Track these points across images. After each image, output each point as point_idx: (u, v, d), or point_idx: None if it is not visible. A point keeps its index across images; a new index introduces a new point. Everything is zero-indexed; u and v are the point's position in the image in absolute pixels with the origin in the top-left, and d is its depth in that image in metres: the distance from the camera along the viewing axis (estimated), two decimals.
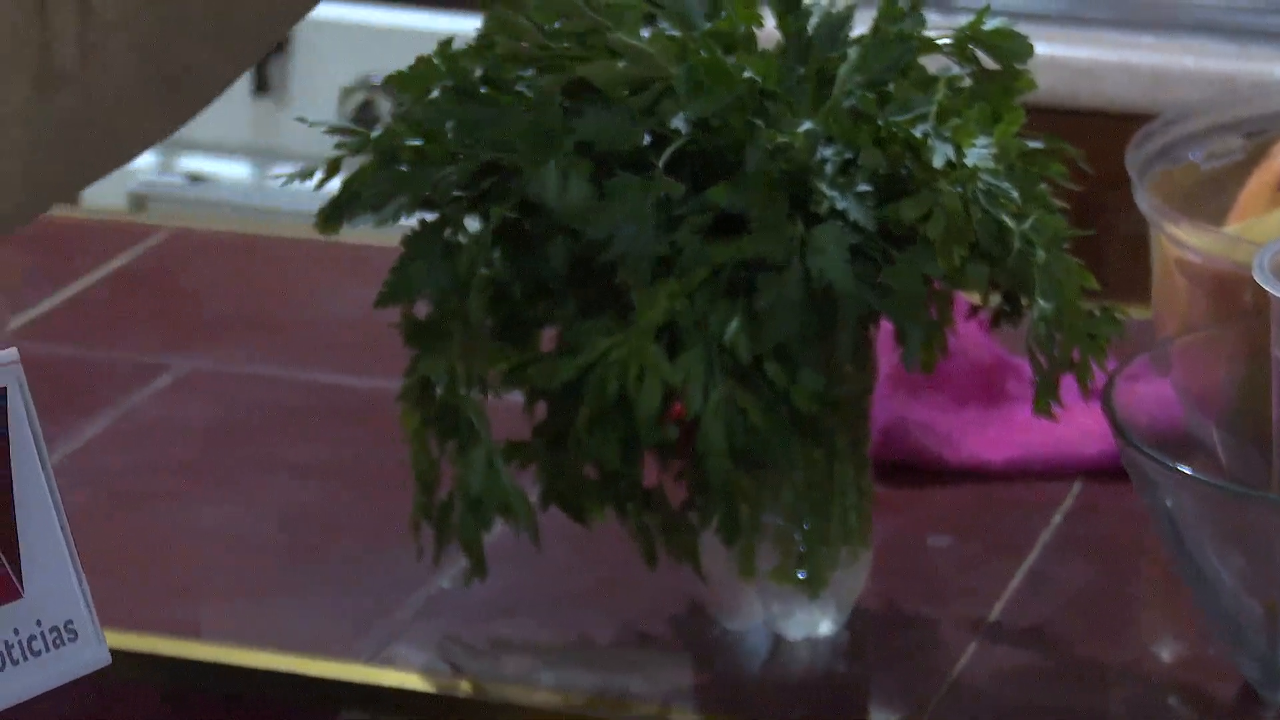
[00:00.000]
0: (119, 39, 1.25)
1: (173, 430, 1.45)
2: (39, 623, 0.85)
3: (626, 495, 1.12)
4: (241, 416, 1.48)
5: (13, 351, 0.83)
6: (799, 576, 1.15)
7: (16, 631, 0.84)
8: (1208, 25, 2.18)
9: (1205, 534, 1.12)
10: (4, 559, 0.84)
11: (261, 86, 2.25)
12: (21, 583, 0.84)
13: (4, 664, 0.82)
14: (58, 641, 0.85)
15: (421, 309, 1.10)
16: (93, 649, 0.85)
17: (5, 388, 0.84)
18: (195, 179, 2.27)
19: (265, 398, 1.50)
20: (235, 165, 2.31)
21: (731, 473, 1.08)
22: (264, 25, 1.31)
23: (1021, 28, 1.17)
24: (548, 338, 1.11)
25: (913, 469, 1.37)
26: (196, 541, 1.31)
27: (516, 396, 1.12)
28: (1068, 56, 2.05)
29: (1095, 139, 1.23)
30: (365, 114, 2.21)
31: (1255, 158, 1.36)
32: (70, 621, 0.85)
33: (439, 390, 1.10)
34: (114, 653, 1.14)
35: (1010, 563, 1.29)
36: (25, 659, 0.83)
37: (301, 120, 1.31)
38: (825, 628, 1.19)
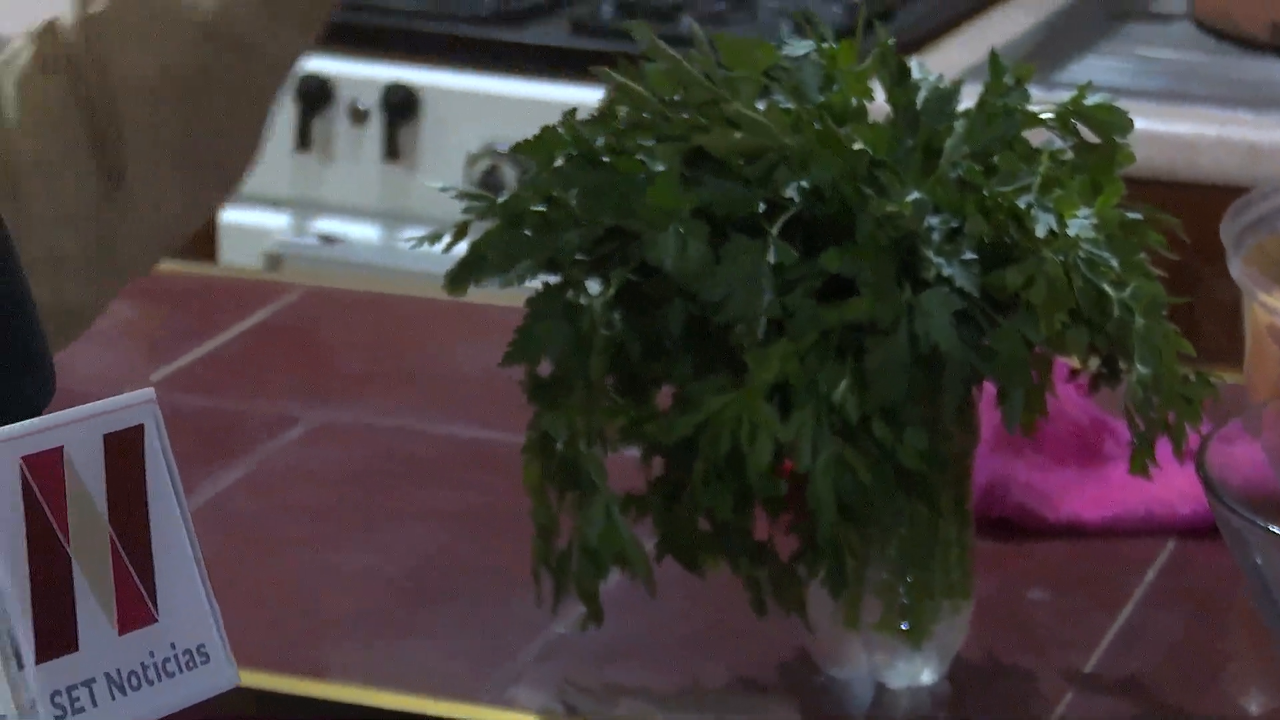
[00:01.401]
0: (147, 131, 1.26)
1: (305, 478, 1.45)
2: (173, 645, 0.85)
3: (738, 547, 1.12)
4: (370, 466, 1.48)
5: (149, 391, 0.84)
6: (902, 627, 1.14)
7: (152, 654, 0.84)
8: None
9: None
10: (141, 585, 0.85)
11: (391, 153, 2.26)
12: (157, 608, 0.85)
13: (140, 684, 0.82)
14: (190, 664, 0.85)
15: (544, 367, 1.10)
16: (223, 671, 0.86)
17: (143, 425, 0.84)
18: (328, 240, 2.28)
19: (393, 449, 1.50)
20: (366, 228, 2.31)
21: (839, 527, 1.08)
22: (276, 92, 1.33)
23: (1121, 104, 1.16)
24: (664, 395, 1.11)
25: (1013, 525, 1.36)
26: (326, 584, 1.31)
27: (633, 451, 1.11)
28: (1166, 131, 2.03)
29: (1192, 210, 1.22)
30: (490, 180, 2.21)
31: None
32: (202, 645, 0.86)
33: (560, 445, 1.09)
34: (245, 692, 1.15)
35: (1106, 616, 1.28)
36: (159, 679, 0.83)
37: (430, 185, 1.31)
38: (927, 677, 1.18)
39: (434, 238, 1.13)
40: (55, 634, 0.81)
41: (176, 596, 0.85)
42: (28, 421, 0.84)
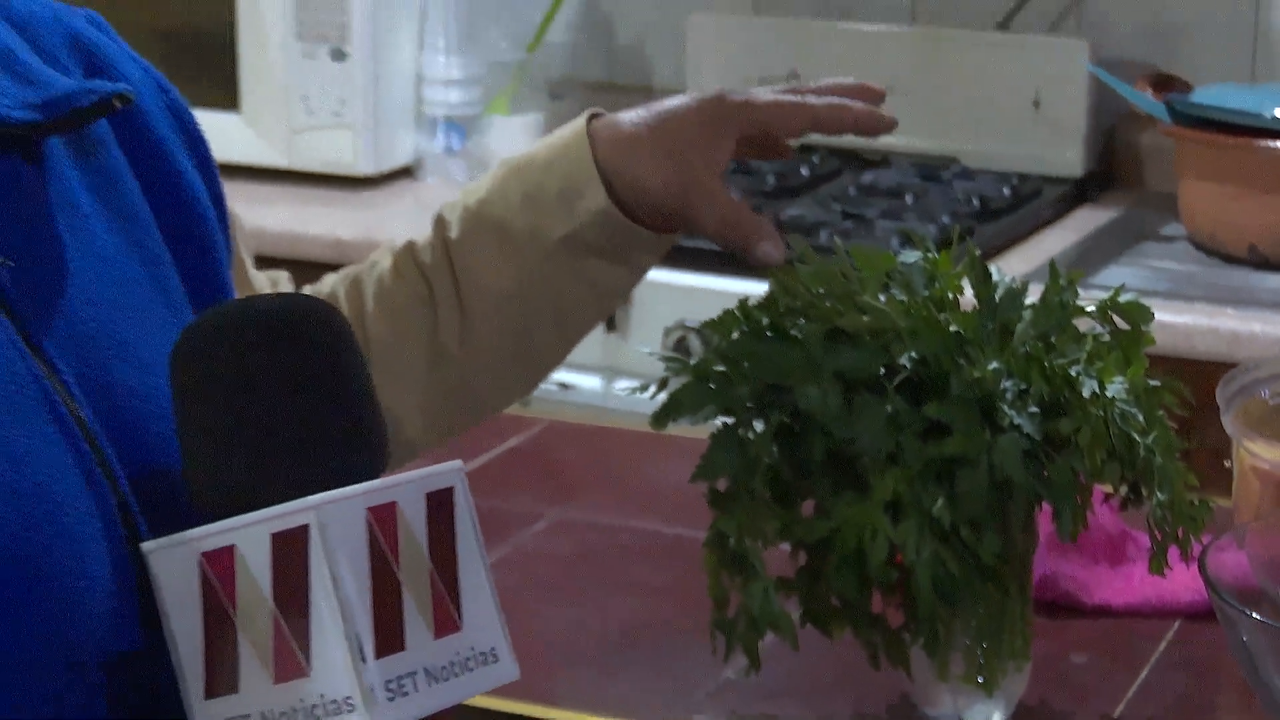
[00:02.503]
0: (488, 332, 1.26)
1: (546, 559, 1.45)
2: (472, 647, 0.87)
3: (860, 619, 1.10)
4: (594, 551, 1.47)
5: (458, 461, 0.89)
6: (979, 680, 1.12)
7: (457, 653, 0.86)
8: (1269, 303, 2.14)
9: (1273, 664, 1.08)
10: (450, 603, 0.87)
11: (610, 325, 2.27)
12: (461, 620, 0.87)
13: (448, 676, 0.85)
14: (484, 661, 0.87)
15: (721, 483, 1.09)
16: (508, 668, 0.88)
17: (454, 486, 0.88)
18: (564, 386, 2.28)
19: (611, 539, 1.50)
20: (592, 378, 2.32)
21: (935, 606, 1.06)
22: (592, 322, 1.31)
23: (1146, 300, 1.16)
24: (807, 506, 1.09)
25: (1060, 607, 1.34)
26: (559, 636, 1.31)
27: (785, 546, 1.10)
28: (1172, 322, 2.02)
29: (1193, 380, 1.21)
30: (680, 347, 2.21)
31: None
32: (494, 648, 0.88)
33: (731, 540, 1.08)
34: (496, 714, 1.14)
35: (1128, 675, 1.26)
36: (462, 673, 0.86)
37: (640, 350, 1.31)
38: (997, 717, 1.16)
39: (642, 388, 1.12)
40: (389, 637, 0.84)
41: (475, 612, 0.88)
42: (371, 482, 0.86)
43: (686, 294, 2.21)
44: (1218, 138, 2.24)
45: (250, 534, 0.84)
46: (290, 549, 0.83)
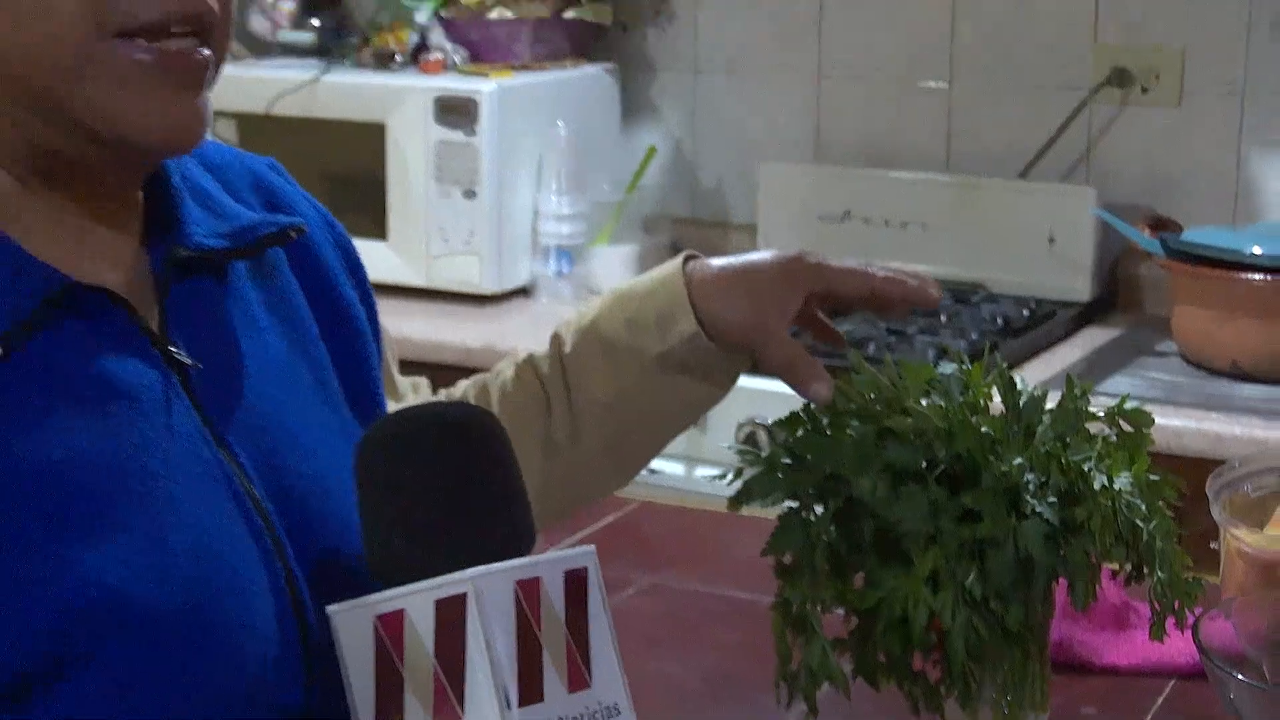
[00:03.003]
0: (593, 432, 1.26)
1: (637, 618, 1.44)
2: (599, 702, 0.86)
3: (903, 673, 1.09)
4: (678, 613, 1.47)
5: (592, 546, 0.89)
6: None
7: (586, 706, 0.85)
8: (1248, 410, 2.13)
9: (1256, 718, 1.08)
10: (581, 663, 0.86)
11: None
12: (591, 678, 0.86)
13: None
14: (609, 715, 0.86)
15: (787, 557, 1.09)
16: None
17: (588, 566, 0.88)
18: (653, 471, 2.27)
19: (693, 602, 1.49)
20: (676, 465, 2.32)
21: (967, 664, 1.05)
22: (680, 428, 1.31)
23: (1148, 406, 1.16)
24: (859, 578, 1.08)
25: (1073, 667, 1.33)
26: (650, 684, 1.27)
27: (839, 611, 1.09)
28: (1167, 425, 2.01)
29: (1187, 474, 1.20)
30: (751, 441, 2.21)
31: None
32: (616, 704, 0.87)
33: (794, 606, 1.08)
34: None
35: None
36: None
37: (720, 446, 1.30)
38: None
39: (721, 476, 1.13)
40: (530, 690, 0.84)
41: (603, 672, 0.87)
42: (519, 559, 0.87)
43: (757, 396, 2.18)
44: (1204, 270, 2.24)
45: (418, 600, 0.84)
46: (451, 613, 0.83)
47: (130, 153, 0.94)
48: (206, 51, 0.93)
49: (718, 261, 1.23)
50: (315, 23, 2.90)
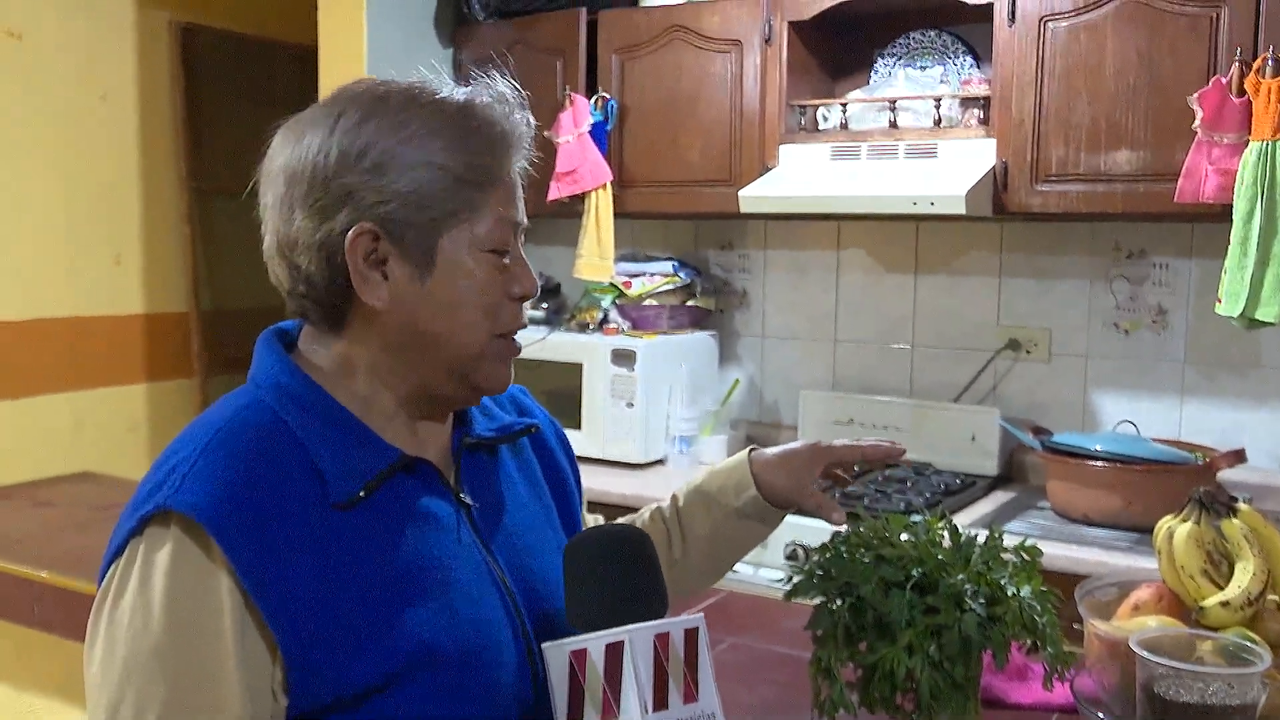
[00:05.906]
0: (696, 552, 1.25)
1: (724, 665, 1.39)
2: (702, 710, 0.83)
3: (890, 706, 1.04)
4: (750, 661, 1.41)
5: (701, 614, 0.85)
6: None
7: (695, 712, 0.82)
8: (1098, 544, 2.05)
9: None
10: (692, 685, 0.83)
11: None
12: (698, 695, 0.83)
13: None
14: (709, 719, 0.83)
15: (819, 631, 1.05)
16: None
17: (698, 627, 0.84)
18: (735, 573, 2.19)
19: (760, 655, 1.43)
20: (748, 568, 2.23)
21: (930, 702, 1.02)
22: (749, 550, 1.26)
23: (1036, 542, 1.12)
24: (864, 646, 1.05)
25: (993, 703, 1.27)
26: (729, 706, 1.23)
27: (851, 666, 1.05)
28: (1051, 553, 1.94)
29: (1063, 585, 1.18)
30: (793, 557, 2.16)
31: (1121, 596, 1.29)
32: (714, 713, 0.84)
33: (823, 661, 1.04)
34: None
35: None
36: None
37: (775, 558, 1.25)
38: None
39: (779, 581, 1.11)
40: (660, 701, 0.81)
41: (706, 692, 0.84)
42: (657, 621, 0.84)
43: (799, 527, 2.18)
44: (1067, 459, 2.19)
45: (595, 644, 0.83)
46: (615, 653, 0.82)
47: (482, 395, 0.97)
48: None
49: (771, 449, 1.24)
50: (544, 305, 2.99)
